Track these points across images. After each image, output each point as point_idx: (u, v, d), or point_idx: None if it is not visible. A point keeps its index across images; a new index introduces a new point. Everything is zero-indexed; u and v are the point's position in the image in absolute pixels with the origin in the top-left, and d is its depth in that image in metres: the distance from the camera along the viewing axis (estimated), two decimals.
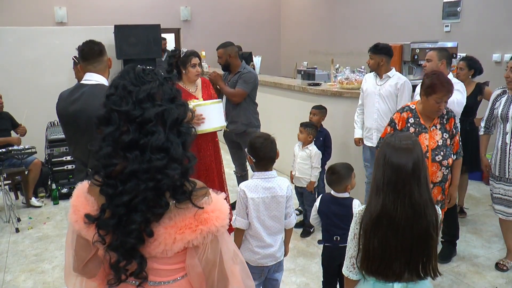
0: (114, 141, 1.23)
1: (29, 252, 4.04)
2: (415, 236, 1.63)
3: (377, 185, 1.68)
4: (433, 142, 2.92)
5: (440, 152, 2.90)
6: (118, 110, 1.23)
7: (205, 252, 1.29)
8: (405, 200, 1.62)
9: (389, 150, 1.67)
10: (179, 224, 1.26)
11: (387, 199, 1.63)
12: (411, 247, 1.63)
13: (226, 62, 4.38)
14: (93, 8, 8.73)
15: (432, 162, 2.90)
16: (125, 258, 1.26)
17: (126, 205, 1.22)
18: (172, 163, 1.24)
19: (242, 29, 10.18)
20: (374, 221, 1.64)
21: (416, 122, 2.98)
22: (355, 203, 2.70)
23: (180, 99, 1.32)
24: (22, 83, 5.93)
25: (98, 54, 2.63)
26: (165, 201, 1.24)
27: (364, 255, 1.68)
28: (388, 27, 7.63)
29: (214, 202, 1.32)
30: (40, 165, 5.20)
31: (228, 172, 5.75)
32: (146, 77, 1.29)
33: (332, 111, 4.66)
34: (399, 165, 1.64)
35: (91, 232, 1.29)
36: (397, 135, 1.74)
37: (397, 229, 1.63)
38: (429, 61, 3.70)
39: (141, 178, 1.21)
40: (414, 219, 1.62)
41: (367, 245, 1.66)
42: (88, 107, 2.45)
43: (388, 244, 1.63)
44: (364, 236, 1.68)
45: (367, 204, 1.71)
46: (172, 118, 1.26)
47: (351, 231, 1.76)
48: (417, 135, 2.90)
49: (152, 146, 1.21)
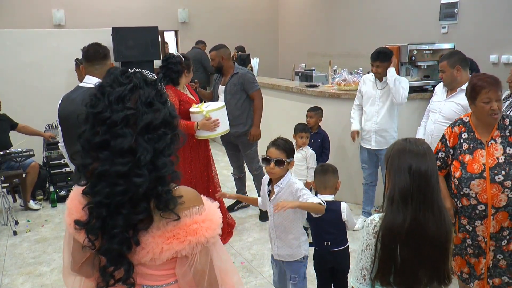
0: (87, 141, 1.23)
1: (27, 255, 4.04)
2: (442, 243, 1.58)
3: (403, 195, 1.56)
4: (492, 159, 2.40)
5: (502, 171, 2.36)
6: (92, 111, 1.23)
7: (194, 262, 1.28)
8: (434, 209, 1.56)
9: (411, 157, 1.58)
10: (167, 234, 1.25)
11: (418, 210, 1.54)
12: (437, 254, 1.58)
13: (219, 64, 4.39)
14: (91, 10, 8.72)
15: (491, 183, 2.37)
16: (112, 264, 1.26)
17: (106, 207, 1.21)
18: (138, 169, 1.20)
19: (240, 31, 10.19)
20: (404, 233, 1.54)
21: (470, 137, 2.52)
22: (343, 206, 2.68)
23: (159, 104, 1.27)
24: (20, 85, 5.92)
25: (102, 57, 2.65)
26: (143, 207, 1.22)
27: (382, 267, 1.59)
28: (386, 28, 7.64)
29: (206, 212, 1.30)
30: (38, 168, 5.19)
31: (226, 174, 5.77)
32: (123, 79, 1.26)
33: (329, 112, 4.67)
34: (427, 172, 1.56)
35: (82, 236, 1.29)
36: (408, 140, 1.65)
37: (428, 239, 1.55)
38: (443, 71, 3.49)
39: (108, 181, 1.20)
40: (441, 227, 1.57)
41: (391, 258, 1.57)
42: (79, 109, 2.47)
43: (419, 255, 1.56)
44: (384, 249, 1.57)
45: (385, 215, 1.60)
46: (144, 122, 1.22)
47: (363, 242, 1.66)
48: (472, 152, 2.47)
49: (116, 149, 1.19)
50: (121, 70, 1.29)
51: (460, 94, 3.44)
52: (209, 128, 3.64)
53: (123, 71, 1.29)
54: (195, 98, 3.95)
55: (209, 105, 3.78)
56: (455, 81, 3.46)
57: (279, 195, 2.54)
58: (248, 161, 4.57)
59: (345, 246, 2.73)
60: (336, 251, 2.70)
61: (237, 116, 4.31)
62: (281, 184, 2.53)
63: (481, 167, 2.41)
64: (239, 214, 4.76)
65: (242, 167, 4.83)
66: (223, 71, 4.43)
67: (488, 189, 2.38)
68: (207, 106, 3.72)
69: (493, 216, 2.42)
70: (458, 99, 3.44)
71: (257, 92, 4.39)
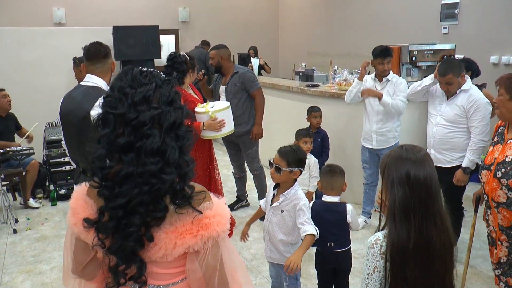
0: (110, 143, 1.22)
1: (27, 253, 4.04)
2: (447, 254, 1.51)
3: (404, 210, 1.47)
4: (502, 155, 2.45)
5: (502, 168, 2.42)
6: (114, 113, 1.22)
7: (205, 257, 1.28)
8: (436, 221, 1.48)
9: (409, 165, 1.49)
10: (180, 229, 1.26)
11: (422, 224, 1.46)
12: (444, 267, 1.52)
13: (218, 64, 4.39)
14: (92, 9, 8.72)
15: (493, 178, 2.47)
16: (124, 262, 1.25)
17: (124, 208, 1.21)
18: (168, 168, 1.22)
19: (241, 30, 10.19)
20: (410, 251, 1.46)
21: (501, 131, 2.60)
22: (349, 208, 2.68)
23: (178, 102, 1.29)
24: (20, 83, 5.92)
25: (103, 56, 2.64)
26: (163, 205, 1.23)
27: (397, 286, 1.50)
28: (386, 28, 7.64)
29: (215, 207, 1.31)
30: (37, 166, 5.19)
31: (226, 174, 5.77)
32: (143, 79, 1.26)
33: (330, 112, 4.67)
34: (426, 180, 1.47)
35: (90, 235, 1.29)
36: (404, 148, 1.56)
37: (435, 254, 1.48)
38: (450, 84, 3.42)
39: (136, 181, 1.20)
40: (445, 238, 1.50)
41: (403, 278, 1.48)
42: (78, 108, 2.48)
43: (428, 271, 1.49)
44: (392, 269, 1.48)
45: (390, 231, 1.50)
46: (169, 121, 1.24)
47: (369, 265, 1.54)
48: (494, 145, 2.56)
49: (146, 149, 1.20)
50: (139, 70, 1.29)
51: (460, 95, 3.45)
52: (214, 129, 3.64)
53: (141, 71, 1.29)
54: (199, 98, 3.95)
55: (214, 105, 3.77)
56: (460, 86, 3.47)
57: (282, 205, 2.56)
58: (249, 161, 4.57)
59: (348, 247, 2.73)
60: (339, 252, 2.70)
61: (238, 116, 4.30)
62: (287, 195, 2.55)
63: (492, 160, 2.52)
64: (239, 214, 4.76)
65: (243, 166, 4.83)
66: (222, 71, 4.43)
67: (490, 182, 2.49)
68: (212, 106, 3.71)
69: (497, 209, 2.50)
70: (459, 101, 3.45)
71: (258, 90, 4.39)
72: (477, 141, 3.37)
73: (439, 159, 3.56)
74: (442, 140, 3.54)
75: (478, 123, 3.36)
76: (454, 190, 3.58)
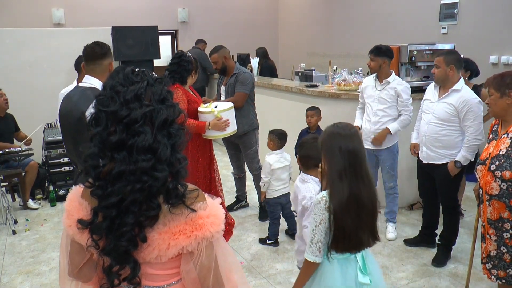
0: (102, 141, 1.22)
1: (26, 254, 4.03)
2: (373, 207, 1.90)
3: (338, 172, 1.86)
4: (496, 150, 2.56)
5: (496, 161, 2.51)
6: (106, 111, 1.22)
7: (199, 258, 1.28)
8: (364, 179, 1.88)
9: (340, 139, 1.89)
10: (173, 230, 1.25)
11: (352, 182, 1.86)
12: (371, 218, 1.91)
13: (223, 66, 4.36)
14: (91, 9, 8.71)
15: (488, 171, 2.56)
16: (118, 263, 1.25)
17: (117, 207, 1.21)
18: (159, 165, 1.22)
19: (240, 31, 10.19)
20: (344, 204, 1.84)
21: (495, 129, 2.71)
22: None
23: (171, 100, 1.30)
24: (19, 84, 5.91)
25: (99, 56, 2.62)
26: (156, 203, 1.23)
27: (337, 235, 1.87)
28: (386, 29, 7.65)
29: (209, 208, 1.31)
30: (37, 167, 5.18)
31: (225, 174, 5.76)
32: (135, 77, 1.27)
33: (329, 112, 4.66)
34: (355, 150, 1.88)
35: (84, 237, 1.28)
36: (336, 125, 1.96)
37: (364, 205, 1.87)
38: (438, 67, 3.47)
39: (129, 179, 1.20)
40: (371, 194, 1.90)
41: (341, 226, 1.85)
42: (74, 109, 2.47)
43: (360, 220, 1.87)
44: (335, 219, 1.86)
45: (331, 190, 1.88)
46: (160, 119, 1.24)
47: (316, 218, 1.90)
48: (489, 142, 2.69)
49: (138, 147, 1.20)
50: (131, 69, 1.30)
51: (452, 94, 3.45)
52: (220, 128, 3.63)
53: (132, 70, 1.30)
54: (199, 97, 3.93)
55: (218, 105, 3.76)
56: (447, 79, 3.46)
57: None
58: (248, 161, 4.57)
59: None
60: None
61: (239, 116, 4.29)
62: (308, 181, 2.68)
63: (487, 155, 2.61)
64: (239, 214, 4.76)
65: (243, 167, 4.83)
66: (227, 71, 4.41)
67: (485, 176, 2.59)
68: (216, 106, 3.71)
69: (489, 202, 2.58)
70: (450, 100, 3.46)
71: (241, 94, 4.29)
72: (472, 139, 3.40)
73: (431, 157, 3.59)
74: (434, 138, 3.55)
75: (472, 122, 3.38)
76: (447, 187, 3.61)
